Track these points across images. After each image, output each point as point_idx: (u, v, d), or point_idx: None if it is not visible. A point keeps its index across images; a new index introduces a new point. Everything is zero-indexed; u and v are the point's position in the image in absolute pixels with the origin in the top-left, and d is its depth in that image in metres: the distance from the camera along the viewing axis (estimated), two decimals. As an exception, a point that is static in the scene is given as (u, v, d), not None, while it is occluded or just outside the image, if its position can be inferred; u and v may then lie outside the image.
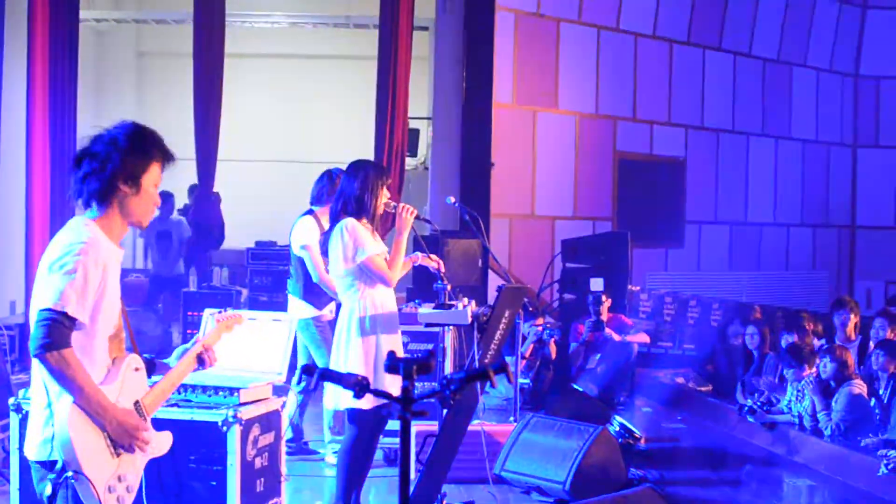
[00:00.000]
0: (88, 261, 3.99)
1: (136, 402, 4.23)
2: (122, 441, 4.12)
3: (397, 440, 7.93)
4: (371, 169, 6.95)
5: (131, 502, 4.17)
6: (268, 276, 13.65)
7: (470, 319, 7.23)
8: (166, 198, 15.88)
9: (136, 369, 4.29)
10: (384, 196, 6.91)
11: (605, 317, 12.34)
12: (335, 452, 7.83)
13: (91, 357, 4.08)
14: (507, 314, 7.28)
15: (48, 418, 4.06)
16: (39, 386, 4.12)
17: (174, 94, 17.41)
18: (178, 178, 17.00)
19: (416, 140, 16.53)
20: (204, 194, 14.84)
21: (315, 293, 8.58)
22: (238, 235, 15.94)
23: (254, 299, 13.60)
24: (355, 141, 15.10)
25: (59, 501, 4.04)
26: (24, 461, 5.70)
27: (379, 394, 3.70)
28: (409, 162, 16.06)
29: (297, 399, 8.93)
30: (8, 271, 13.22)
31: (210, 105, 14.22)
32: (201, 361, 4.65)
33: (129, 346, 4.36)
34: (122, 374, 4.18)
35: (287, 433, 8.64)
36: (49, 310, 3.93)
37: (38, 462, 4.12)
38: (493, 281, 12.49)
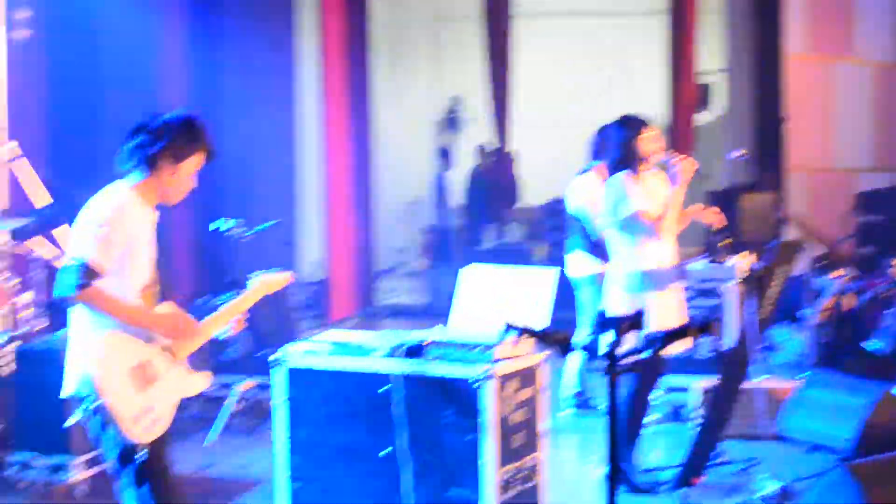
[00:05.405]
0: (113, 225, 4.54)
1: (166, 348, 4.75)
2: (179, 336, 4.73)
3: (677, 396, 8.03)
4: (629, 121, 6.96)
5: (162, 432, 4.66)
6: (564, 232, 13.74)
7: (743, 275, 7.17)
8: None
9: None
10: (654, 146, 6.91)
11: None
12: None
13: None
14: (781, 270, 7.18)
15: (79, 357, 4.60)
16: (74, 329, 4.67)
17: (469, 57, 17.73)
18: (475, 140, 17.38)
19: (708, 94, 16.33)
20: (499, 154, 15.15)
21: (598, 249, 8.61)
22: (534, 193, 16.17)
23: (550, 255, 13.66)
24: (647, 98, 15.02)
25: (91, 428, 4.62)
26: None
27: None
28: (702, 117, 15.89)
29: (582, 354, 9.00)
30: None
31: (499, 66, 14.50)
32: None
33: (164, 298, 4.87)
34: None
35: (574, 387, 8.84)
36: (74, 258, 4.50)
37: (70, 397, 4.65)
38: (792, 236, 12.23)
